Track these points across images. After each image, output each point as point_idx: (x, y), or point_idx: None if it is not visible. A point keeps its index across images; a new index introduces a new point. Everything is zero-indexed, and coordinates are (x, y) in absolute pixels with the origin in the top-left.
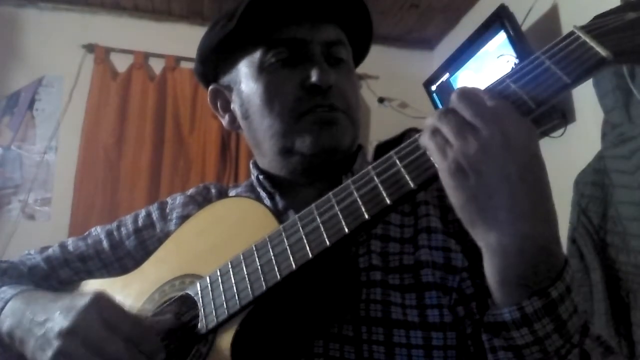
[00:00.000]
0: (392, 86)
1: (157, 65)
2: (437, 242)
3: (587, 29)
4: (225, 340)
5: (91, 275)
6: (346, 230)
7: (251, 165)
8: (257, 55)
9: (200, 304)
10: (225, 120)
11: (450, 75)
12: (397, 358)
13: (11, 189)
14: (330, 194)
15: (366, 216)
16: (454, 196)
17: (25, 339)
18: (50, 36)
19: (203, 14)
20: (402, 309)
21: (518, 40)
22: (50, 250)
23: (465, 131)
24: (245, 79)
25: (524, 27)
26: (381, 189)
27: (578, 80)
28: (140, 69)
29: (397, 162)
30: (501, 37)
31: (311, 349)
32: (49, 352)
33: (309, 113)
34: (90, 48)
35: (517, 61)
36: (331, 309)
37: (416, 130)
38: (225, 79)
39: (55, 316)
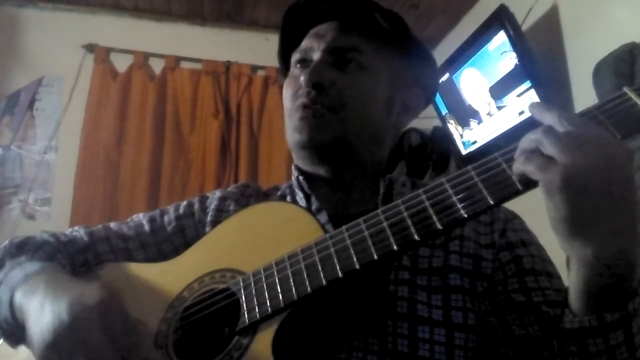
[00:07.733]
0: None
1: (157, 65)
2: (469, 250)
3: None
4: (267, 335)
5: (129, 254)
6: (395, 247)
7: (293, 168)
8: (291, 59)
9: (242, 299)
10: None
11: (451, 75)
12: (420, 352)
13: (11, 189)
14: (379, 210)
15: (416, 237)
16: (558, 209)
17: (26, 317)
18: (50, 36)
19: (203, 14)
20: (427, 307)
21: (518, 40)
22: (93, 228)
23: (573, 147)
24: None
25: (524, 27)
26: (431, 212)
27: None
28: (140, 69)
29: (449, 189)
30: (501, 37)
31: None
32: (43, 339)
33: (297, 110)
34: (90, 48)
35: (517, 61)
36: (363, 317)
37: (416, 131)
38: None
39: (60, 308)
